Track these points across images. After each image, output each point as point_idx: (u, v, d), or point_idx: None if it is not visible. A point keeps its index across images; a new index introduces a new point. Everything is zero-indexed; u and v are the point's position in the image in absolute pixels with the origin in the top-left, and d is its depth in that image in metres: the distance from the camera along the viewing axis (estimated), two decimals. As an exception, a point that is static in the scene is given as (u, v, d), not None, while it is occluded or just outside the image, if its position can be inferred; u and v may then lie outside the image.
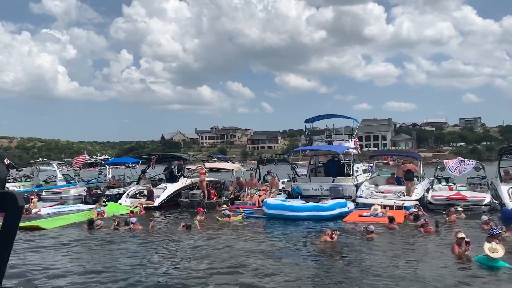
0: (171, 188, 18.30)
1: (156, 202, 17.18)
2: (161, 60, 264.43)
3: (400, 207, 14.41)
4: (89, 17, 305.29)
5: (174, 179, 19.48)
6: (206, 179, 18.00)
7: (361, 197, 15.57)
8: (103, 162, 28.37)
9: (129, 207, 16.26)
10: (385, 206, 14.13)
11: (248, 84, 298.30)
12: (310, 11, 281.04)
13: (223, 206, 15.69)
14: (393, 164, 21.26)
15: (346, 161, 17.03)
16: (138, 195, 18.16)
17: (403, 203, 14.72)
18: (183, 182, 18.80)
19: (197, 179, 18.15)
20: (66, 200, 19.93)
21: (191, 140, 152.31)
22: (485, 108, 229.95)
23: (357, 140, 20.15)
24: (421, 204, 14.88)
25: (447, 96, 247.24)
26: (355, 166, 17.55)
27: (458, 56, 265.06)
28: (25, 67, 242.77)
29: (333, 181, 16.48)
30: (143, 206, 16.57)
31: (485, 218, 11.58)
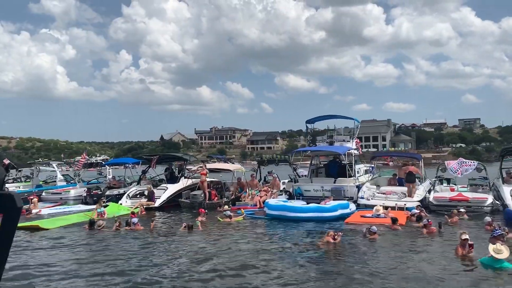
0: (172, 188, 18.23)
1: (157, 203, 17.11)
2: (160, 60, 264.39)
3: (401, 208, 14.36)
4: (88, 17, 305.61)
5: (175, 179, 19.40)
6: (207, 179, 17.95)
7: (363, 198, 15.52)
8: (103, 162, 28.30)
9: (130, 207, 16.20)
10: (386, 207, 14.08)
11: (248, 85, 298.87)
12: (310, 11, 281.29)
13: (225, 207, 15.63)
14: (393, 164, 21.26)
15: (348, 162, 16.98)
16: (138, 196, 18.09)
17: (404, 204, 14.67)
18: (183, 182, 18.74)
19: (198, 180, 18.10)
20: (66, 200, 19.88)
21: (190, 140, 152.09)
22: (484, 109, 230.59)
23: (359, 141, 20.13)
24: (422, 205, 14.83)
25: (446, 97, 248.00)
26: (356, 167, 17.48)
27: (457, 57, 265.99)
28: (24, 67, 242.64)
29: (335, 182, 16.43)
30: (144, 206, 16.52)
31: (488, 219, 11.54)
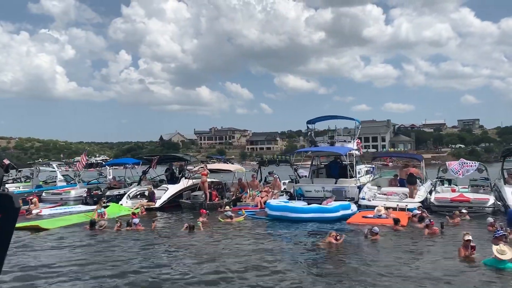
0: (173, 189, 18.18)
1: (158, 203, 17.07)
2: (159, 60, 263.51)
3: (403, 209, 14.33)
4: (87, 17, 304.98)
5: (176, 180, 19.37)
6: (207, 180, 17.91)
7: (364, 199, 15.48)
8: (103, 162, 28.26)
9: (131, 208, 16.16)
10: (388, 208, 14.05)
11: (247, 85, 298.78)
12: (309, 12, 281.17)
13: (226, 207, 15.60)
14: (392, 165, 21.24)
15: (349, 163, 16.94)
16: (139, 196, 18.04)
17: (406, 205, 14.62)
18: (184, 183, 18.69)
19: (198, 180, 18.06)
20: (66, 201, 19.84)
21: (190, 141, 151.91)
22: (483, 109, 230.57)
23: (360, 141, 20.09)
24: (424, 206, 14.80)
25: (445, 98, 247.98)
26: (357, 168, 17.46)
27: (456, 57, 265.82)
28: (23, 67, 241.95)
29: (336, 183, 16.40)
30: (144, 207, 16.48)
31: (490, 220, 11.54)
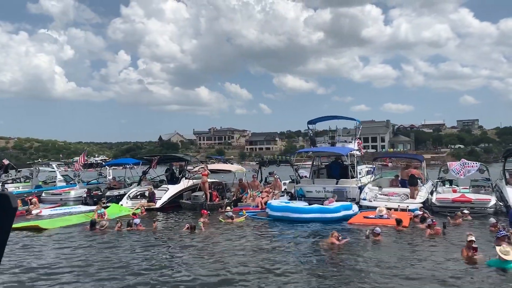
0: (173, 189, 18.12)
1: (158, 204, 17.02)
2: (159, 61, 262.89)
3: (404, 210, 14.29)
4: (87, 17, 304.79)
5: (176, 180, 19.31)
6: (208, 180, 17.86)
7: (365, 199, 15.43)
8: (103, 163, 28.20)
9: (131, 208, 16.10)
10: (389, 209, 14.02)
11: (246, 85, 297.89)
12: (308, 12, 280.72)
13: (227, 208, 15.54)
14: (392, 165, 21.19)
15: (350, 163, 16.90)
16: (139, 197, 17.98)
17: (407, 206, 14.58)
18: (184, 183, 18.63)
19: (199, 181, 18.01)
20: (66, 201, 19.78)
21: (189, 141, 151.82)
22: (482, 110, 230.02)
23: (360, 142, 20.03)
24: (425, 206, 14.76)
25: (444, 98, 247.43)
26: (358, 168, 17.42)
27: (455, 58, 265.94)
28: (22, 67, 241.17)
29: (337, 183, 16.35)
30: (145, 207, 16.42)
31: (493, 220, 11.51)
